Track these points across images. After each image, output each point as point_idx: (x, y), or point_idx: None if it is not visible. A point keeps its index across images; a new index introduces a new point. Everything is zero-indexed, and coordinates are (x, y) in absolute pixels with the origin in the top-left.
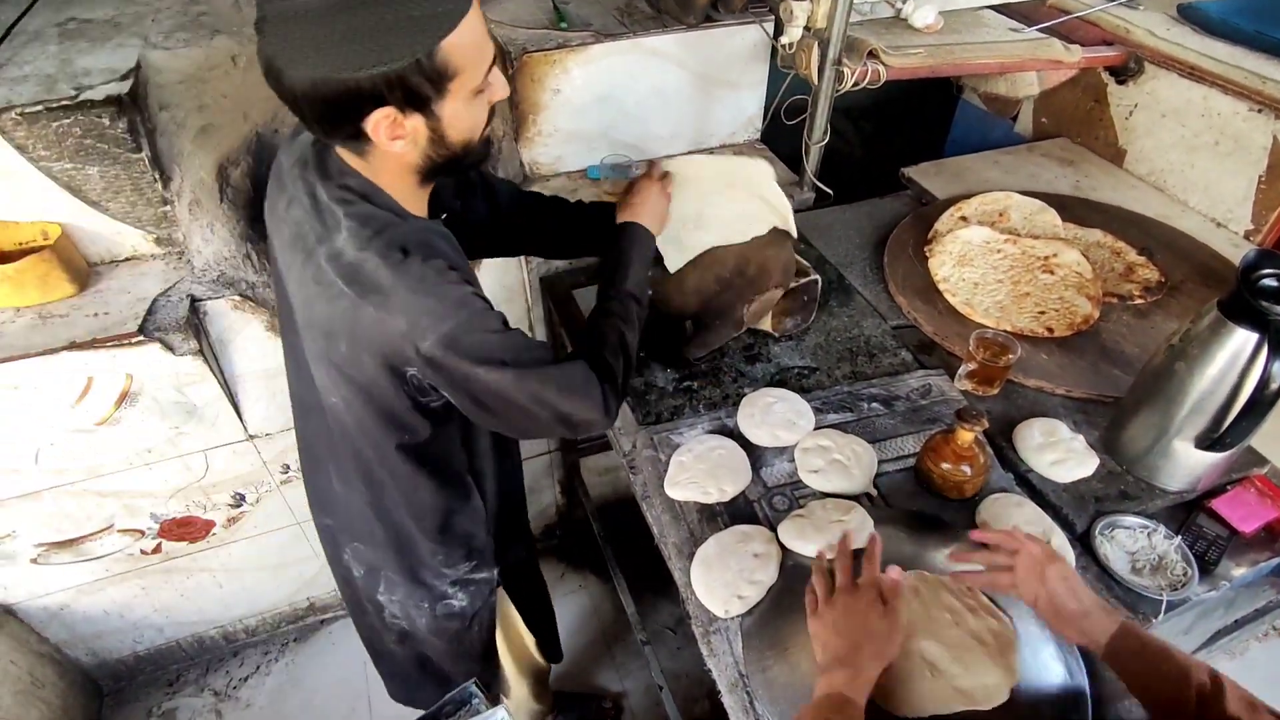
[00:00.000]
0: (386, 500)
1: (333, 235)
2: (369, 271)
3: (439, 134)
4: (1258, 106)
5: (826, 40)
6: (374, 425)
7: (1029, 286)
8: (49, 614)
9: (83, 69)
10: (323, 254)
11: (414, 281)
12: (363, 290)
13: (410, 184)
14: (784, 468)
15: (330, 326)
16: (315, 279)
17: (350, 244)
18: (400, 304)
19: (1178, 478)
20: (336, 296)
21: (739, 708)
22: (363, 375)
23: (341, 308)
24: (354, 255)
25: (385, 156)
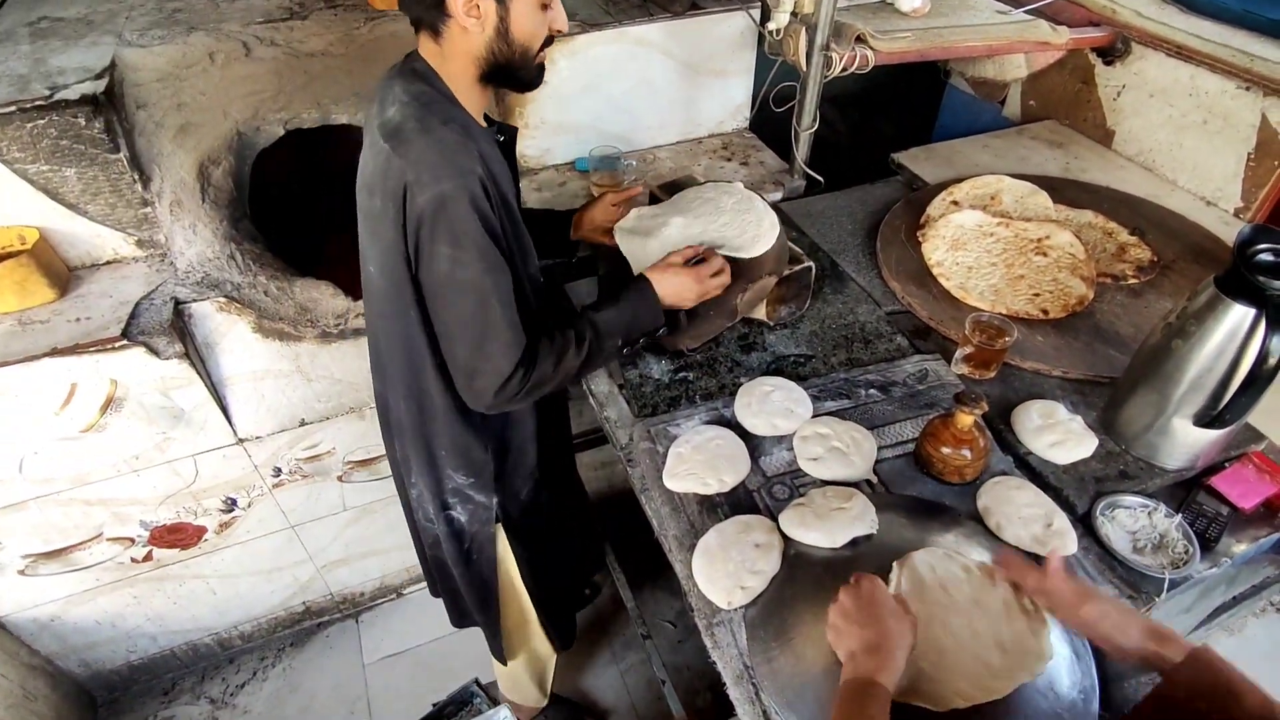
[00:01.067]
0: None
1: (388, 109)
2: (406, 129)
3: (505, 26)
4: (1245, 84)
5: (814, 26)
6: (399, 290)
7: (1023, 269)
8: (39, 625)
9: (56, 68)
10: (377, 124)
11: (434, 140)
12: (396, 143)
13: (471, 76)
14: (783, 456)
15: (372, 181)
16: (369, 145)
17: (398, 111)
18: (415, 154)
19: (1176, 456)
20: (378, 153)
21: (745, 699)
22: (389, 231)
23: (380, 161)
24: (399, 119)
25: (456, 40)
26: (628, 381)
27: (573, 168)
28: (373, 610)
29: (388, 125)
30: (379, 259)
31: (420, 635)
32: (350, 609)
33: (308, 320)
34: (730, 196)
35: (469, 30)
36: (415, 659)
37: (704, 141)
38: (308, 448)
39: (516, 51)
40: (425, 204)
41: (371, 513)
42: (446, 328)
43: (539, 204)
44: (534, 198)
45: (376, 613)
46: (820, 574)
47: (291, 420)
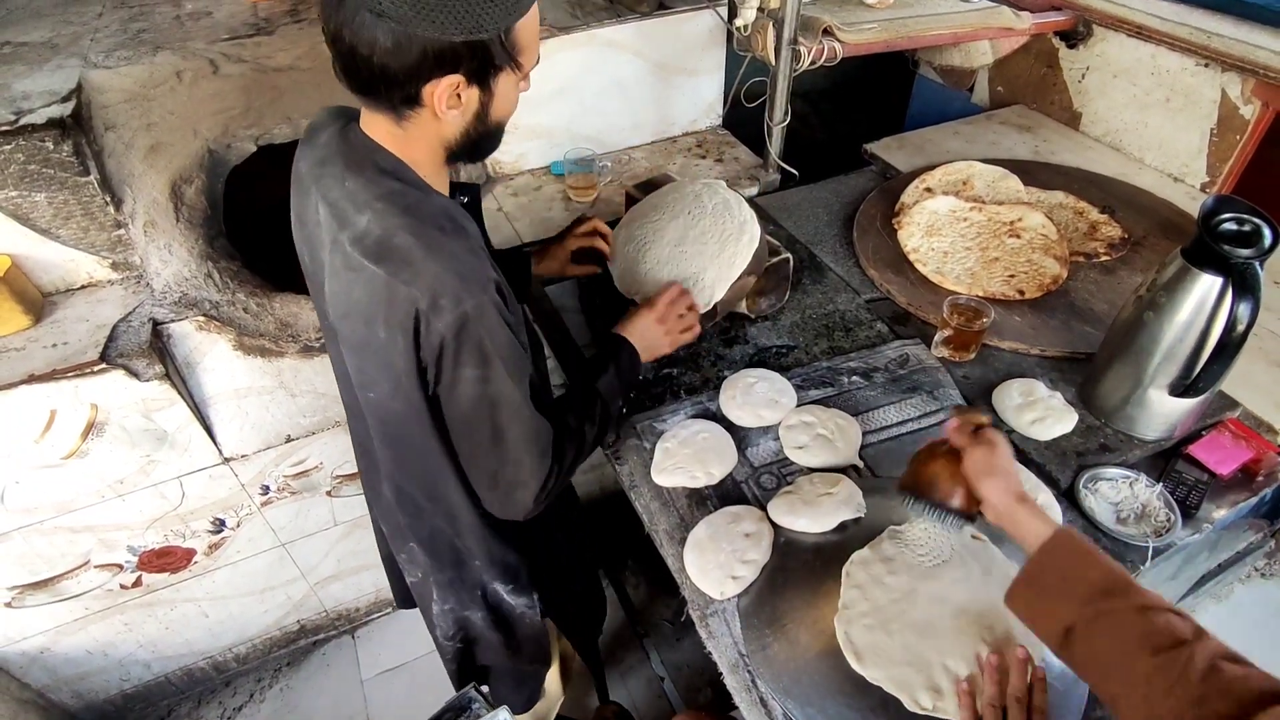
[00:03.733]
0: (427, 498)
1: (356, 218)
2: (399, 246)
3: (485, 110)
4: (1204, 61)
5: (781, 20)
6: (411, 416)
7: (997, 251)
8: (28, 658)
9: (21, 93)
10: (346, 239)
11: (441, 256)
12: (393, 267)
13: (438, 159)
14: (769, 446)
15: (368, 311)
16: (345, 266)
17: (376, 223)
18: (426, 278)
19: (1154, 426)
20: (369, 278)
21: (741, 687)
22: (400, 360)
23: (376, 288)
24: (381, 232)
25: (424, 125)
26: None
27: (548, 172)
28: (368, 625)
29: (366, 241)
30: (387, 387)
31: (417, 648)
32: (345, 625)
33: (289, 335)
34: (712, 198)
35: (443, 119)
36: (413, 673)
37: (678, 140)
38: (295, 464)
39: (491, 130)
40: (445, 329)
41: (363, 526)
42: (477, 447)
43: (516, 210)
44: (510, 203)
45: (372, 627)
46: (810, 559)
47: (277, 437)
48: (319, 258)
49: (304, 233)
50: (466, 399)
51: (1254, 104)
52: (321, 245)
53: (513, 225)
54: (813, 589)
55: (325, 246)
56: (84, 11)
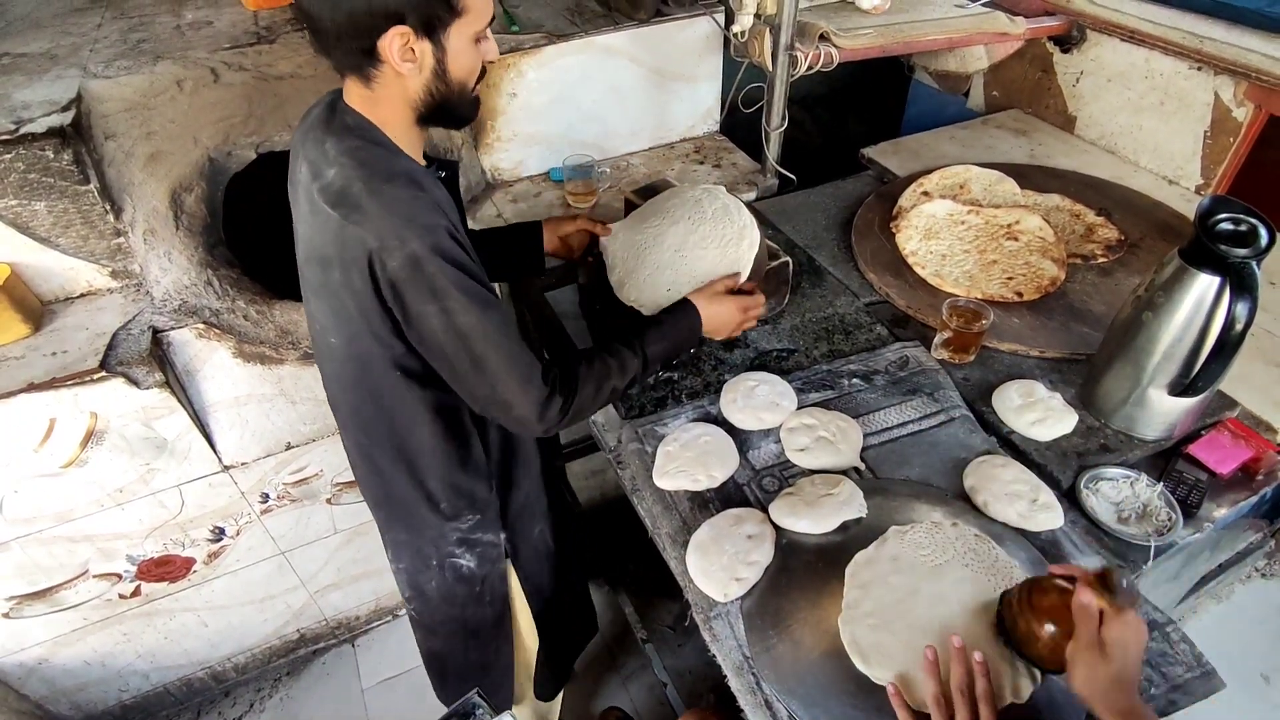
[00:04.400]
0: (386, 445)
1: (326, 170)
2: (353, 193)
3: (442, 67)
4: (1197, 64)
5: (778, 26)
6: (372, 357)
7: (995, 254)
8: (26, 670)
9: (21, 103)
10: (316, 188)
11: (388, 201)
12: (346, 210)
13: (407, 119)
14: (771, 449)
15: (324, 252)
16: (311, 212)
17: (339, 174)
18: (373, 221)
19: (1154, 426)
20: (326, 221)
21: (746, 689)
22: (355, 301)
23: (331, 230)
24: (341, 182)
25: (390, 85)
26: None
27: (547, 178)
28: (368, 634)
29: (329, 190)
30: (344, 331)
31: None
32: (345, 634)
33: (289, 343)
34: (712, 203)
35: (403, 74)
36: (414, 681)
37: (676, 146)
38: (295, 471)
39: (455, 89)
40: (397, 269)
41: (363, 534)
42: (461, 375)
43: (516, 216)
44: (510, 209)
45: (372, 636)
46: (813, 560)
47: (277, 444)
48: (297, 214)
49: (293, 190)
50: (433, 333)
51: (1247, 106)
52: (299, 201)
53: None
54: (816, 590)
55: (300, 199)
56: (83, 22)
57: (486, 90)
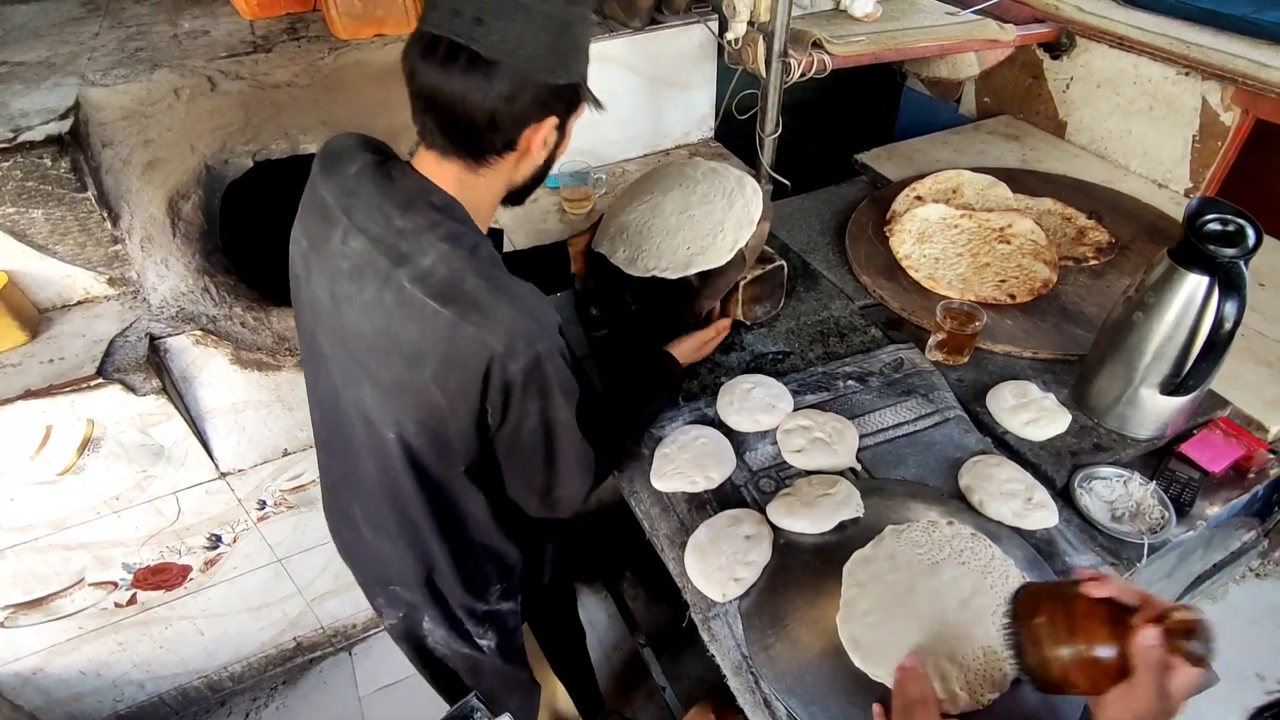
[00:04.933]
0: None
1: (417, 257)
2: (468, 290)
3: (554, 151)
4: (1185, 70)
5: (771, 33)
6: (436, 452)
7: (988, 257)
8: (21, 680)
9: (19, 111)
10: (405, 276)
11: (512, 299)
12: (463, 309)
13: (495, 202)
14: (767, 450)
15: (419, 348)
16: (398, 303)
17: (442, 263)
18: (501, 322)
19: (1147, 425)
20: (431, 317)
21: (745, 689)
22: (447, 400)
23: (436, 328)
24: (447, 274)
25: (502, 171)
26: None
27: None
28: (365, 641)
29: (431, 281)
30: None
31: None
32: (342, 641)
33: (286, 349)
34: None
35: (530, 159)
36: (411, 688)
37: (671, 153)
38: (292, 478)
39: (544, 171)
40: (517, 372)
41: None
42: (531, 470)
43: (512, 223)
44: (505, 216)
45: (369, 643)
46: (811, 560)
47: (274, 451)
48: (341, 289)
49: (320, 261)
50: (527, 431)
51: (1234, 111)
52: (352, 278)
53: (509, 237)
54: (814, 589)
55: (364, 280)
56: (81, 31)
57: None
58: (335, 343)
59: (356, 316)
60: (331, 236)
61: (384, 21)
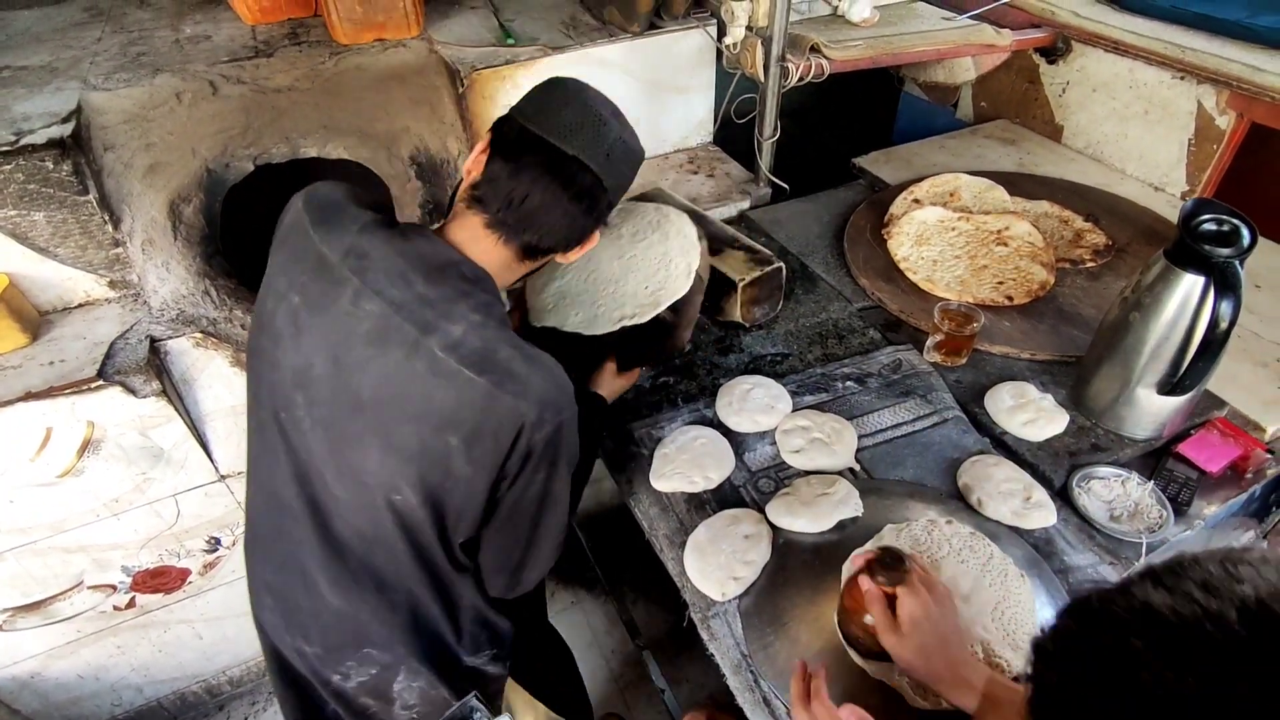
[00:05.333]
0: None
1: (447, 325)
2: (502, 359)
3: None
4: (1180, 74)
5: (769, 38)
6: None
7: (986, 259)
8: (19, 683)
9: (21, 114)
10: (436, 344)
11: (544, 370)
12: (499, 378)
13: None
14: (766, 451)
15: (456, 415)
16: (430, 370)
17: (475, 334)
18: (536, 392)
19: (1144, 425)
20: (466, 384)
21: (744, 687)
22: (472, 467)
23: (472, 396)
24: (481, 344)
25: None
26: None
27: None
28: None
29: (463, 351)
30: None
31: None
32: None
33: None
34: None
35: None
36: None
37: (670, 157)
38: None
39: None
40: (541, 439)
41: None
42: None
43: None
44: None
45: None
46: (810, 559)
47: None
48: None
49: (320, 322)
50: (527, 500)
51: (1229, 115)
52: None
53: None
54: (813, 588)
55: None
56: (83, 36)
57: (482, 102)
58: (328, 404)
59: (375, 380)
60: (338, 297)
61: (384, 26)
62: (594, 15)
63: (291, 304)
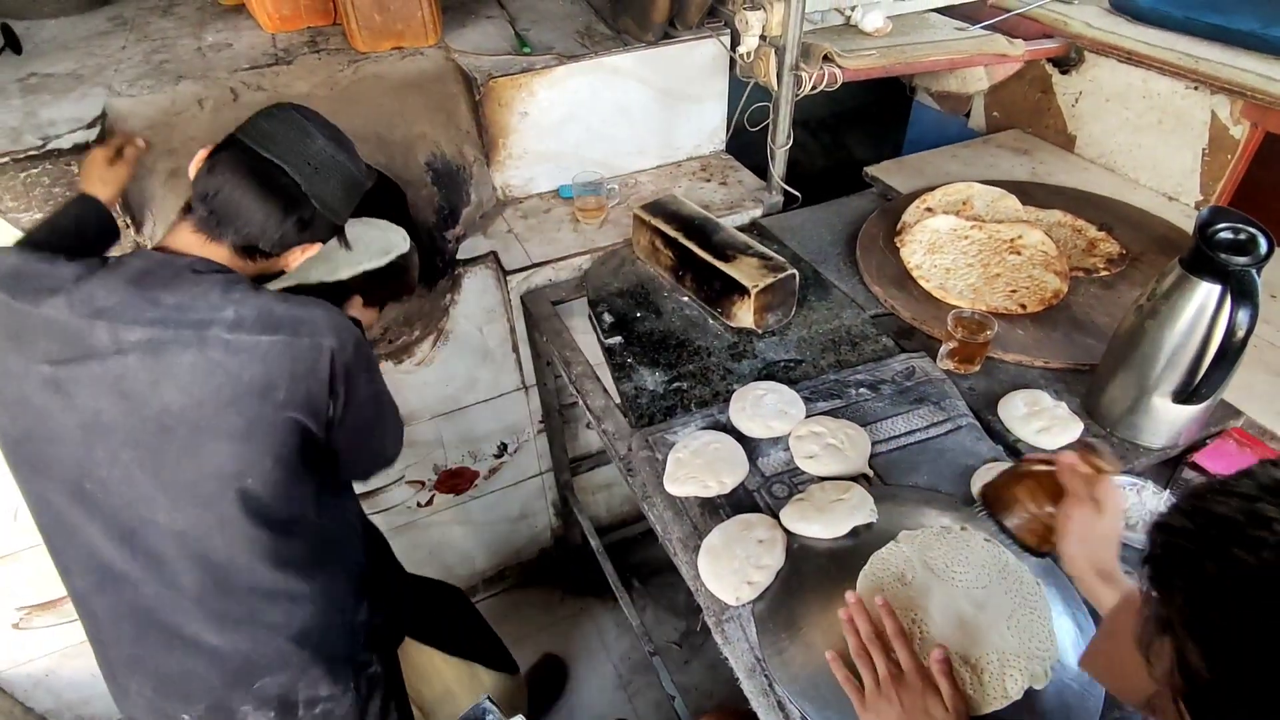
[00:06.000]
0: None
1: (219, 313)
2: (281, 314)
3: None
4: (1194, 84)
5: (783, 48)
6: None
7: (999, 268)
8: (33, 681)
9: (48, 120)
10: (220, 331)
11: (318, 306)
12: (292, 328)
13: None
14: (780, 456)
15: (268, 380)
16: (226, 353)
17: (247, 307)
18: (324, 324)
19: (1160, 434)
20: (267, 349)
21: (758, 691)
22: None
23: (276, 353)
24: (256, 312)
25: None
26: (623, 394)
27: (556, 195)
28: None
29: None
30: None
31: None
32: None
33: None
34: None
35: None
36: None
37: (683, 165)
38: None
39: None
40: (349, 356)
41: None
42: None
43: (526, 232)
44: (520, 225)
45: None
46: (825, 564)
47: None
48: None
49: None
50: (361, 403)
51: (1243, 124)
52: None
53: (523, 246)
54: (828, 593)
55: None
56: (108, 44)
57: (498, 109)
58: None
59: (176, 391)
60: (94, 343)
61: (403, 35)
62: (608, 25)
63: (42, 374)
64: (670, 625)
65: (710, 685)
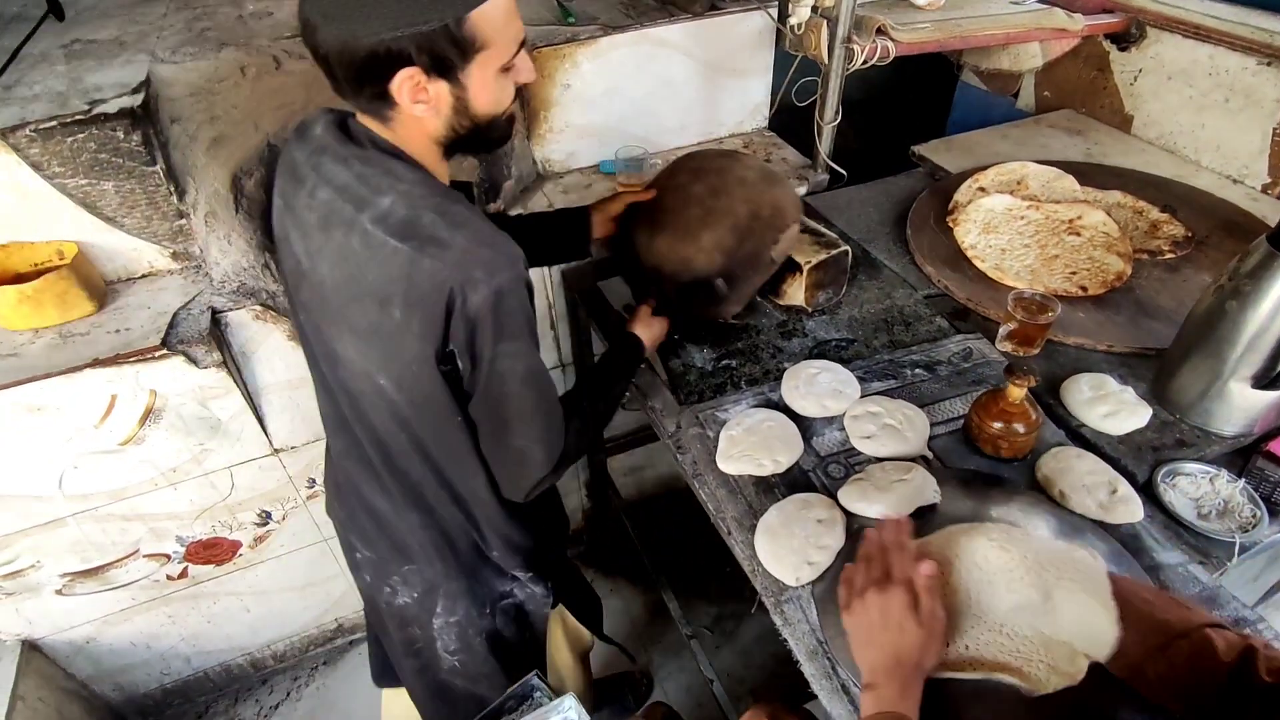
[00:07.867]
0: (444, 494)
1: (378, 198)
2: (426, 225)
3: (463, 103)
4: (1266, 60)
5: (835, 19)
6: (428, 403)
7: (1057, 249)
8: (74, 648)
9: (93, 85)
10: (367, 219)
11: (472, 232)
12: (420, 243)
13: (435, 154)
14: (835, 436)
15: (386, 290)
16: (363, 245)
17: (401, 202)
18: (458, 254)
19: (1234, 421)
20: (391, 254)
21: (821, 674)
22: (418, 344)
23: (397, 264)
24: (407, 212)
25: (409, 122)
26: (670, 371)
27: (598, 170)
28: None
29: (390, 220)
30: (399, 373)
31: None
32: None
33: None
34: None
35: (420, 116)
36: None
37: (725, 141)
38: None
39: (481, 123)
40: (479, 304)
41: None
42: (505, 425)
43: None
44: (560, 200)
45: None
46: None
47: None
48: (313, 243)
49: (293, 219)
50: (502, 377)
51: None
52: (321, 228)
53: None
54: None
55: (331, 229)
56: (149, 12)
57: (540, 81)
58: (316, 301)
59: (328, 268)
60: (298, 196)
61: None
62: None
63: (278, 208)
64: (703, 610)
65: (742, 671)
